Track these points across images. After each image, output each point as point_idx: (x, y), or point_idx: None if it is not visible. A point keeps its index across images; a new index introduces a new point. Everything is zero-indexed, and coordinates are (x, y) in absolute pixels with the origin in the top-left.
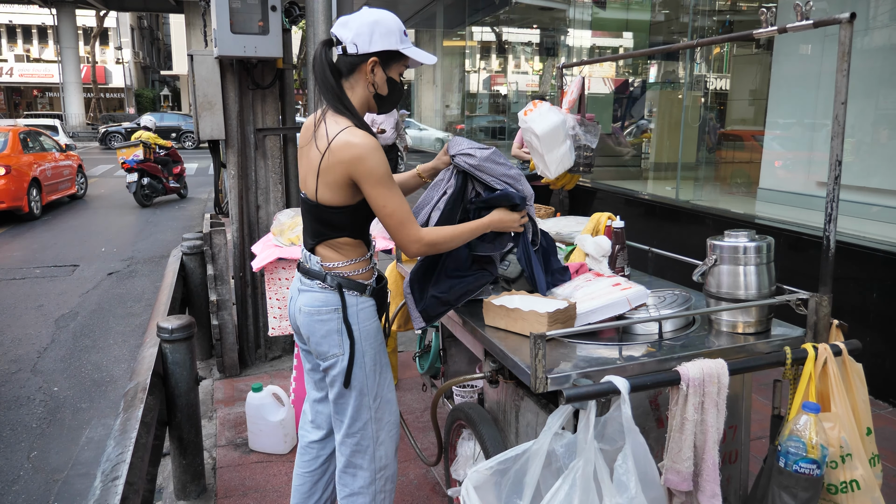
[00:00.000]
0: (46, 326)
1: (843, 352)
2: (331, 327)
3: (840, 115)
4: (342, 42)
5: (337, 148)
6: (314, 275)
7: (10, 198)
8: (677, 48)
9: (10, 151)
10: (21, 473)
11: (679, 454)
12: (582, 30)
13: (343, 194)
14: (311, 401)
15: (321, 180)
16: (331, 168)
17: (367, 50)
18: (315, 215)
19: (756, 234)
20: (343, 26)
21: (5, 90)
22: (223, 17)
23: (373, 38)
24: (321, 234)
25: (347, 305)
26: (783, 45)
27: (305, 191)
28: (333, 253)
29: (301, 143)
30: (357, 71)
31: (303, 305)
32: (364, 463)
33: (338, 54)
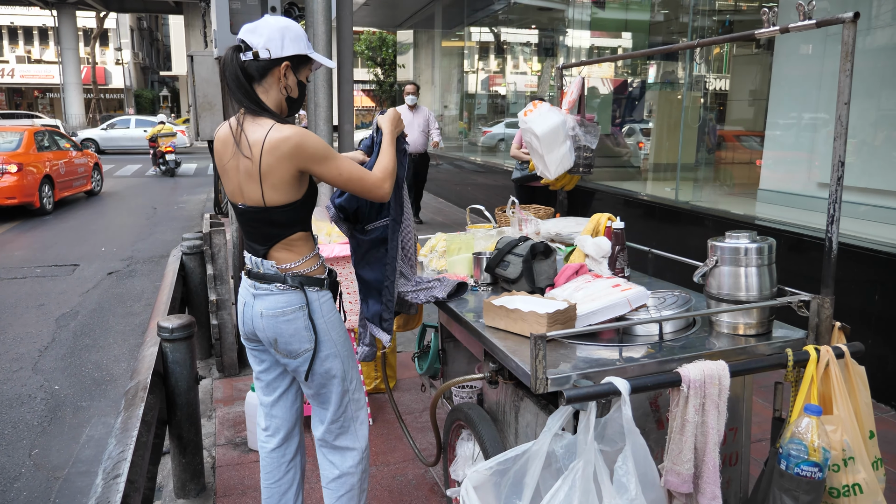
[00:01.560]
0: (47, 325)
1: (845, 354)
2: (298, 325)
3: (843, 115)
4: (252, 47)
5: (273, 147)
6: (270, 279)
7: (22, 194)
8: (678, 48)
9: (23, 150)
10: (23, 471)
11: (679, 456)
12: (581, 30)
13: (290, 190)
14: (263, 407)
15: (266, 184)
16: (273, 168)
17: (280, 54)
18: (265, 220)
19: (757, 235)
20: (252, 32)
21: (6, 91)
22: (223, 18)
23: (284, 43)
24: (273, 236)
25: (310, 301)
26: (784, 45)
27: (244, 201)
28: (287, 254)
29: (222, 158)
30: (269, 75)
31: (263, 310)
32: (350, 443)
33: (247, 59)
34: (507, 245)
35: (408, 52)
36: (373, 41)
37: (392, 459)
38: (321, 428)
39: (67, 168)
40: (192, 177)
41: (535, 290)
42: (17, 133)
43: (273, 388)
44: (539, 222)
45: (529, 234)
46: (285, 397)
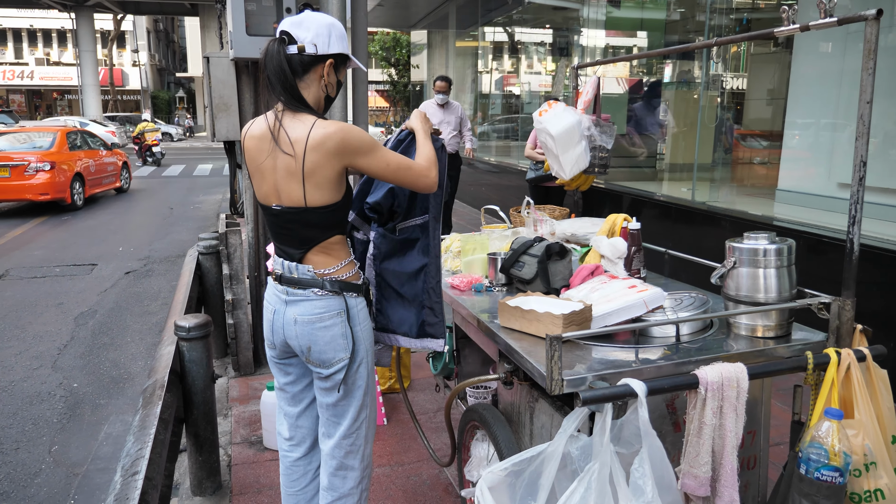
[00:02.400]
0: (66, 324)
1: (867, 357)
2: (335, 332)
3: (865, 114)
4: (298, 41)
5: (318, 143)
6: (306, 284)
7: (54, 190)
8: (695, 47)
9: (56, 149)
10: (43, 467)
11: (697, 459)
12: (596, 29)
13: (333, 190)
14: (288, 418)
15: (309, 183)
16: (318, 166)
17: (326, 51)
18: (304, 221)
19: (776, 236)
20: (298, 26)
21: (26, 93)
22: (239, 20)
23: (331, 40)
24: (311, 239)
25: (349, 308)
26: (803, 43)
27: (280, 202)
28: (325, 258)
29: (256, 157)
30: (312, 71)
31: (298, 316)
32: (355, 463)
33: (292, 53)
34: (523, 246)
35: (422, 52)
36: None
37: (406, 459)
38: (330, 442)
39: (97, 166)
40: (208, 177)
41: (550, 291)
42: (51, 133)
43: (299, 400)
44: (554, 223)
45: (544, 235)
46: (312, 407)
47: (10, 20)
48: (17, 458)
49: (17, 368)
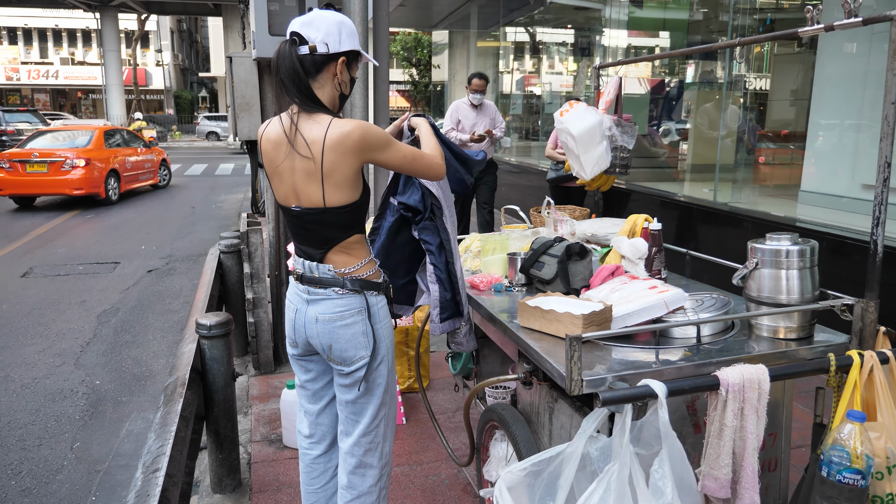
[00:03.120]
0: (89, 321)
1: (890, 360)
2: (356, 330)
3: (890, 115)
4: (309, 41)
5: (336, 143)
6: (327, 283)
7: (89, 185)
8: (718, 47)
9: (92, 146)
10: (65, 464)
11: (717, 461)
12: (618, 29)
13: (351, 190)
14: (308, 415)
15: (328, 183)
16: (337, 165)
17: (338, 49)
18: (323, 222)
19: (799, 237)
20: (308, 26)
21: (51, 92)
22: (261, 20)
23: (341, 38)
24: (331, 239)
25: (370, 305)
26: (827, 43)
27: (300, 203)
28: (345, 257)
29: (274, 160)
30: (325, 70)
31: (319, 314)
32: (374, 461)
33: (304, 54)
34: (542, 246)
35: (443, 52)
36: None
37: (425, 459)
38: (349, 440)
39: (134, 163)
40: (230, 176)
41: (570, 291)
42: (90, 131)
43: (320, 397)
44: (574, 223)
45: (565, 235)
46: (332, 405)
47: (35, 20)
48: (40, 455)
49: (39, 365)
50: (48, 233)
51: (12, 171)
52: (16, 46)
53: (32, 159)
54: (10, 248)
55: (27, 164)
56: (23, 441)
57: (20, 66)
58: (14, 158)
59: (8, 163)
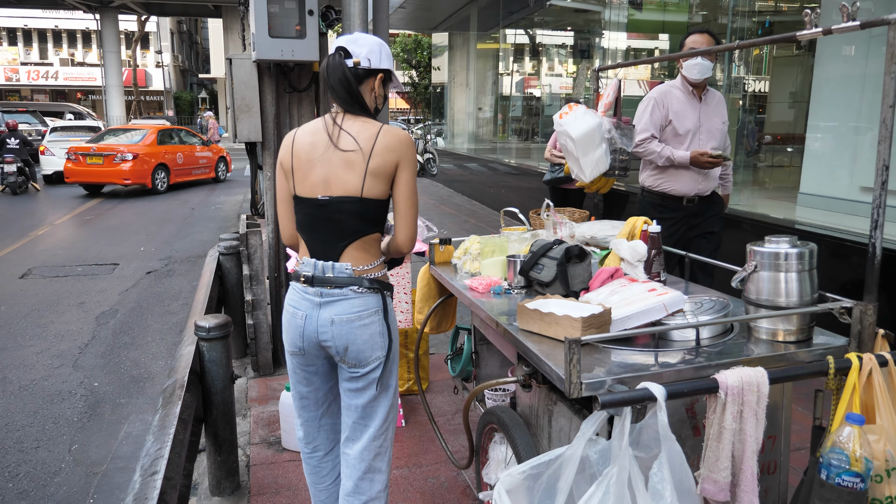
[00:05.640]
0: (87, 323)
1: (889, 362)
2: (374, 330)
3: (888, 118)
4: (354, 56)
5: (387, 139)
6: (343, 283)
7: (135, 177)
8: (717, 50)
9: (143, 143)
10: (62, 466)
11: (716, 463)
12: (617, 32)
13: (385, 188)
14: (308, 423)
15: (371, 174)
16: (383, 159)
17: (378, 66)
18: (354, 211)
19: (798, 239)
20: (354, 42)
21: (50, 93)
22: (261, 22)
23: (381, 57)
24: (357, 231)
25: (387, 305)
26: (826, 46)
27: (330, 192)
28: (363, 254)
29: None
30: (365, 83)
31: (335, 316)
32: (383, 465)
33: (349, 66)
34: (542, 248)
35: (443, 54)
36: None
37: (424, 461)
38: (358, 446)
39: (186, 159)
40: (229, 178)
41: (569, 294)
42: (144, 130)
43: (320, 404)
44: (574, 225)
45: (564, 238)
46: (332, 412)
47: (35, 21)
48: (38, 457)
49: (38, 367)
50: (47, 233)
51: (77, 162)
52: (15, 47)
53: (92, 153)
54: (10, 249)
55: (88, 157)
56: (20, 443)
57: (20, 67)
58: (78, 152)
59: (74, 155)
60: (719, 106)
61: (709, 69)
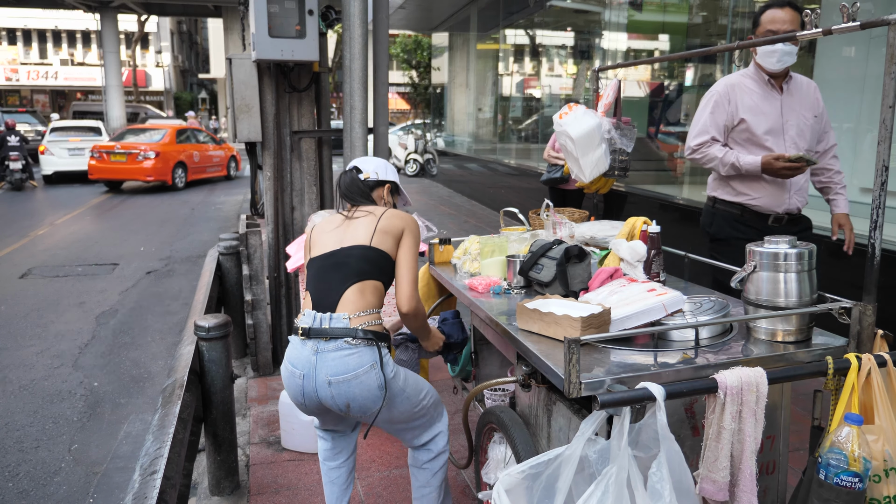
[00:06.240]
0: (87, 323)
1: (888, 363)
2: (371, 384)
3: (887, 119)
4: (363, 171)
5: (394, 210)
6: (338, 333)
7: (157, 174)
8: (716, 51)
9: (164, 141)
10: (62, 465)
11: (715, 463)
12: (617, 32)
13: (393, 244)
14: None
15: (380, 230)
16: (391, 222)
17: (385, 178)
18: (360, 255)
19: (797, 240)
20: (364, 163)
21: (50, 93)
22: (261, 22)
23: (387, 171)
24: (362, 273)
25: (382, 356)
26: (826, 47)
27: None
28: (361, 299)
29: (324, 227)
30: (374, 192)
31: (331, 377)
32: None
33: (361, 178)
34: (541, 248)
35: (443, 54)
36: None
37: None
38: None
39: (201, 157)
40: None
41: (568, 294)
42: (164, 129)
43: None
44: (573, 226)
45: (563, 238)
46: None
47: (35, 21)
48: (38, 457)
49: (38, 367)
50: (47, 233)
51: (101, 159)
52: (15, 47)
53: (115, 150)
54: (10, 249)
55: (111, 155)
56: (20, 443)
57: (19, 67)
58: (102, 150)
59: (98, 153)
60: (808, 95)
61: (791, 56)
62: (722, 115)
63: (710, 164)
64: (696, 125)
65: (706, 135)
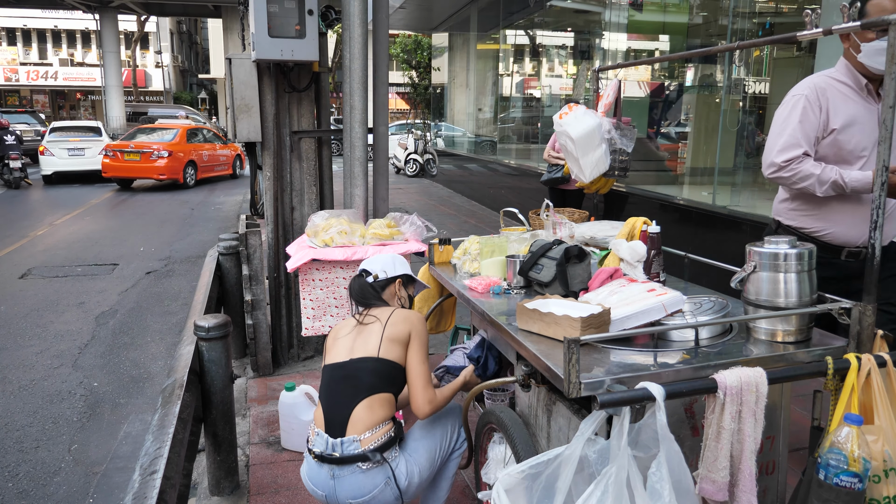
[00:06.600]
0: (87, 323)
1: (888, 363)
2: (388, 497)
3: (888, 119)
4: (372, 273)
5: (399, 312)
6: (349, 460)
7: (170, 172)
8: (717, 51)
9: (176, 141)
10: (62, 465)
11: (715, 463)
12: (617, 33)
13: (401, 351)
14: None
15: (386, 338)
16: (396, 326)
17: (394, 274)
18: (369, 368)
19: (797, 240)
20: (371, 263)
21: (50, 93)
22: (261, 21)
23: (395, 266)
24: (372, 387)
25: (394, 469)
26: (826, 47)
27: (351, 356)
28: (371, 415)
29: (339, 332)
30: (386, 291)
31: (351, 500)
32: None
33: (370, 282)
34: (541, 248)
35: (443, 55)
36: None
37: None
38: None
39: (210, 156)
40: (229, 179)
41: (568, 294)
42: (175, 129)
43: None
44: (573, 226)
45: (563, 238)
46: None
47: (34, 21)
48: (37, 457)
49: (37, 367)
50: (47, 234)
51: (115, 158)
52: (15, 47)
53: (129, 150)
54: (9, 249)
55: (125, 154)
56: (20, 443)
57: (19, 67)
58: (116, 149)
59: (112, 152)
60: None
61: None
62: (813, 124)
63: (803, 183)
64: (782, 136)
65: (797, 149)
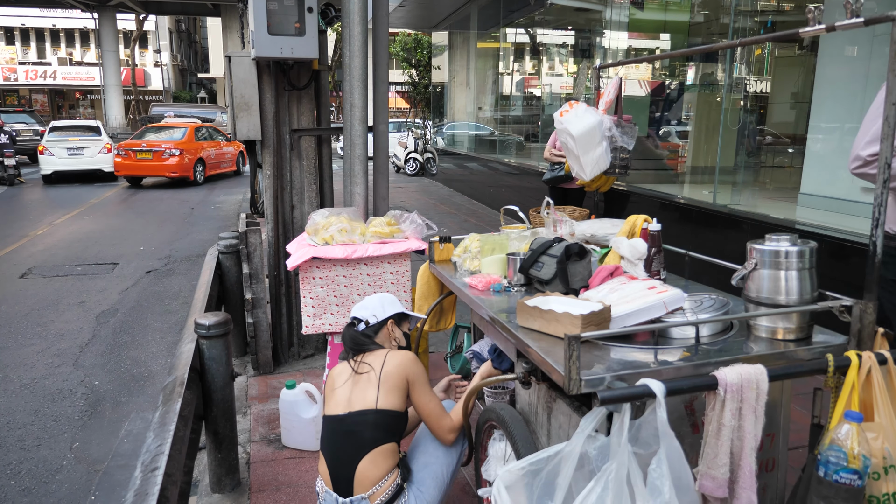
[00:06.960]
0: (88, 322)
1: (888, 361)
2: None
3: (890, 116)
4: (362, 319)
5: (393, 357)
6: None
7: (181, 170)
8: (718, 48)
9: (185, 139)
10: (64, 463)
11: (715, 460)
12: (618, 31)
13: (401, 398)
14: None
15: (383, 388)
16: (392, 374)
17: (384, 316)
18: (369, 422)
19: (798, 238)
20: (360, 309)
21: (49, 92)
22: (260, 19)
23: (384, 307)
24: (375, 441)
25: None
26: (828, 45)
27: (350, 409)
28: (376, 469)
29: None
30: (380, 334)
31: None
32: None
33: (362, 329)
34: (542, 246)
35: (443, 53)
36: (408, 42)
37: None
38: None
39: (217, 154)
40: (229, 177)
41: (569, 292)
42: (184, 128)
43: None
44: (574, 224)
45: (564, 236)
46: None
47: (33, 20)
48: (39, 455)
49: (39, 366)
50: (47, 233)
51: (126, 157)
52: (13, 46)
53: (141, 148)
54: (10, 249)
55: (137, 153)
56: (22, 441)
57: (17, 67)
58: (128, 148)
59: (124, 151)
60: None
61: None
62: None
63: None
64: (871, 130)
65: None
